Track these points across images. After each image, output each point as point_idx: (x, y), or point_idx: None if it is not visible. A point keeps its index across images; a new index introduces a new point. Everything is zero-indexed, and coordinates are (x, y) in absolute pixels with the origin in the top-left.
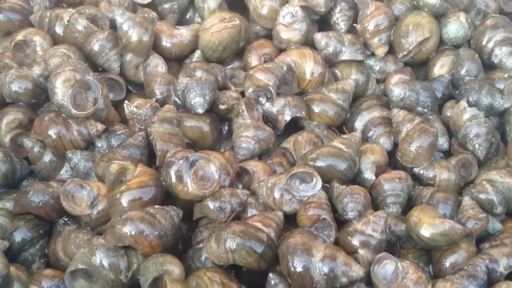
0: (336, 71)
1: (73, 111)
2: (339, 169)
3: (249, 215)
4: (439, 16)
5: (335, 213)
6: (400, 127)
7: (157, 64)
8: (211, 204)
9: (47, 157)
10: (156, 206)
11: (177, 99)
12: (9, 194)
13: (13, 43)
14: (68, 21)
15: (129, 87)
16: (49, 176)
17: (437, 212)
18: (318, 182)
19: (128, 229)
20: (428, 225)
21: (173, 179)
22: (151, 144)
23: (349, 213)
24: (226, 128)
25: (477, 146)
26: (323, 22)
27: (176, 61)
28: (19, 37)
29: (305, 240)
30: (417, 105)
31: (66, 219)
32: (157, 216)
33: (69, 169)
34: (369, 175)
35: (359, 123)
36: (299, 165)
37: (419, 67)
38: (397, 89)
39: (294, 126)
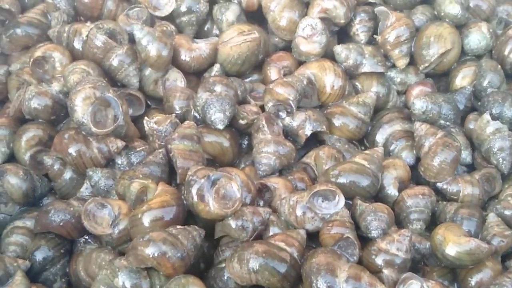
0: (357, 83)
1: (93, 129)
2: (362, 185)
3: (271, 233)
4: (460, 26)
5: (358, 230)
6: (422, 141)
7: (176, 79)
8: (233, 223)
9: (67, 175)
10: (178, 227)
11: (196, 114)
12: (30, 213)
13: (32, 59)
14: (86, 36)
15: (148, 102)
16: (69, 193)
17: (462, 230)
18: (341, 200)
19: (150, 251)
20: (454, 244)
21: (195, 198)
22: (172, 161)
23: (373, 231)
24: (246, 142)
25: (501, 160)
26: (342, 33)
27: (195, 75)
28: (38, 53)
29: (329, 260)
30: (440, 118)
31: (87, 238)
32: (180, 237)
33: (89, 186)
34: (392, 191)
35: (380, 137)
36: (321, 182)
37: (440, 77)
38: (419, 102)
39: (314, 139)
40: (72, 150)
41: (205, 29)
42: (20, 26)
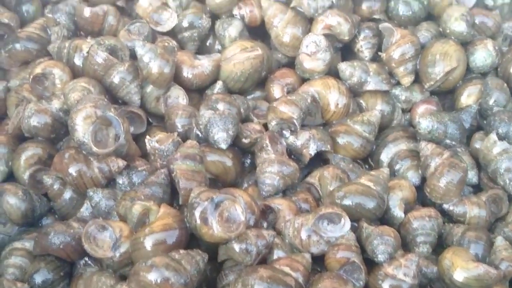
0: (361, 101)
1: (94, 148)
2: (368, 207)
3: (275, 256)
4: (465, 44)
5: (364, 253)
6: (428, 161)
7: (178, 96)
8: (236, 247)
9: (67, 194)
10: (181, 251)
11: (199, 133)
12: (29, 233)
13: (31, 76)
14: (87, 52)
15: (150, 119)
16: (69, 213)
17: (470, 255)
18: (346, 223)
19: (153, 277)
20: (462, 269)
21: (198, 221)
22: (174, 181)
23: (380, 255)
24: (249, 161)
25: (508, 181)
26: (346, 49)
27: (197, 91)
28: (38, 70)
29: (335, 285)
30: (445, 138)
31: (87, 260)
32: (183, 262)
33: (89, 206)
34: (398, 212)
35: (385, 156)
36: (326, 204)
37: (445, 95)
38: (424, 122)
39: (318, 157)
40: (72, 170)
41: (207, 44)
42: (20, 41)
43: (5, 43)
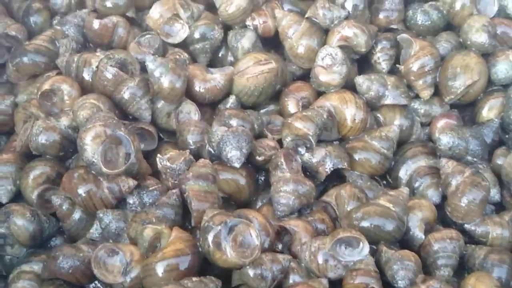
0: (379, 115)
1: (104, 169)
2: (387, 230)
3: (291, 281)
4: (487, 55)
5: (383, 276)
6: (449, 179)
7: (190, 111)
8: (251, 272)
9: (77, 215)
10: (194, 279)
11: (211, 150)
12: (37, 255)
13: (39, 93)
14: (96, 67)
15: (161, 135)
16: (79, 234)
17: (494, 281)
18: (365, 247)
19: None
20: None
21: (211, 246)
22: (186, 201)
23: (400, 281)
24: (263, 178)
25: None
26: (363, 60)
27: (210, 105)
28: (46, 86)
29: None
30: (467, 154)
31: (97, 284)
32: None
33: (99, 227)
34: (418, 234)
35: (404, 173)
36: (344, 228)
37: (465, 107)
38: (445, 138)
39: (335, 174)
40: (81, 190)
41: (220, 55)
42: (27, 54)
43: (13, 56)
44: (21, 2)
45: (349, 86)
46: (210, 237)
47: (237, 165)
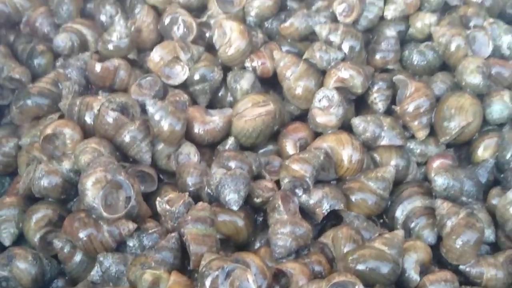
0: (375, 155)
1: (104, 214)
2: (382, 273)
3: None
4: (482, 95)
5: None
6: (444, 220)
7: (189, 152)
8: None
9: (78, 257)
10: None
11: (210, 191)
12: None
13: (42, 137)
14: (98, 110)
15: (161, 176)
16: (80, 276)
17: None
18: None
19: None
20: None
21: None
22: (185, 244)
23: None
24: (261, 218)
25: None
26: (360, 100)
27: (209, 146)
28: (49, 130)
29: None
30: (461, 195)
31: None
32: None
33: (100, 270)
34: (413, 275)
35: (400, 213)
36: (340, 271)
37: (461, 146)
38: (440, 179)
39: (331, 213)
40: (82, 234)
41: (219, 95)
42: (31, 96)
43: (16, 99)
44: (25, 44)
45: (346, 126)
46: (207, 283)
47: (235, 208)
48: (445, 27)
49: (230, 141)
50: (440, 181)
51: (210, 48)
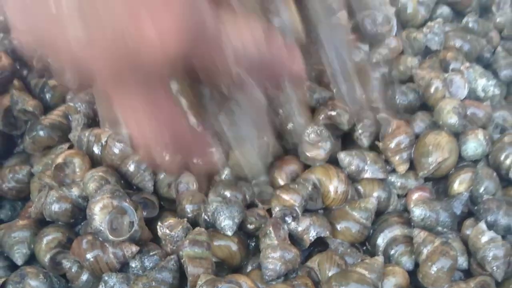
0: (359, 187)
1: (110, 237)
2: None
3: None
4: (458, 133)
5: None
6: (421, 248)
7: (189, 182)
8: None
9: (84, 277)
10: None
11: (207, 218)
12: None
13: (54, 165)
14: (105, 141)
15: (162, 203)
16: None
17: None
18: None
19: None
20: None
21: None
22: (183, 266)
23: None
24: (254, 243)
25: (495, 268)
26: (346, 136)
27: (206, 176)
28: (60, 159)
29: None
30: (437, 225)
31: None
32: None
33: None
34: None
35: (381, 241)
36: None
37: (438, 180)
38: (417, 210)
39: (318, 240)
40: (89, 256)
41: None
42: (43, 128)
43: (30, 130)
44: (38, 78)
45: (333, 159)
46: None
47: (229, 233)
48: (425, 70)
49: (226, 171)
50: (417, 212)
51: None
